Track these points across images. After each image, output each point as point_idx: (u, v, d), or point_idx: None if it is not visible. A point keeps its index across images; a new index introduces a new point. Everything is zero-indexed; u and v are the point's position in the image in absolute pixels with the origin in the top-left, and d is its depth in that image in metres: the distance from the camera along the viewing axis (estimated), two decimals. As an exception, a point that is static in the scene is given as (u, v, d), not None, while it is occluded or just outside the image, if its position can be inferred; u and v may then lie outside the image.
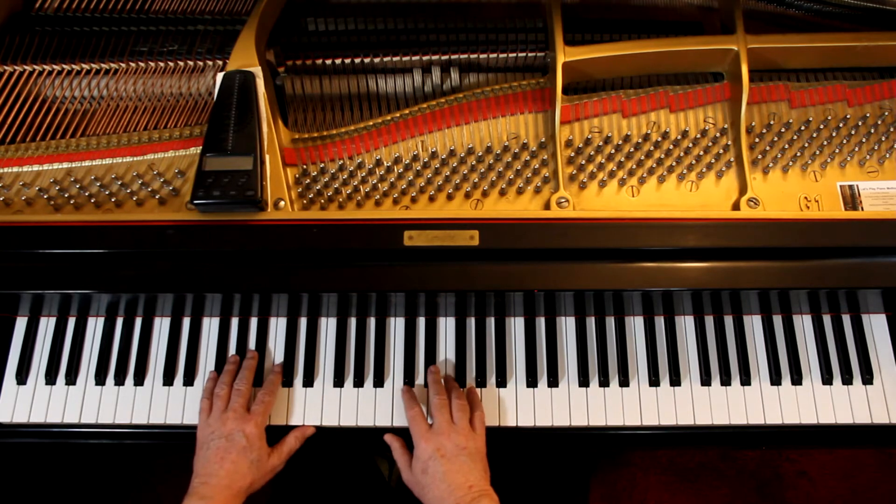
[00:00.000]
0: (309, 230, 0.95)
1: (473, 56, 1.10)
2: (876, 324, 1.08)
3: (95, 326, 1.09)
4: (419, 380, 1.06)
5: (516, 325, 1.08)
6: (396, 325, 1.09)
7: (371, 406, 1.04)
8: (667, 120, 1.06)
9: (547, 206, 1.01)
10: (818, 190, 1.03)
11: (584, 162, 1.03)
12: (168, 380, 1.06)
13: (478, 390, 1.04)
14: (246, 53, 1.03)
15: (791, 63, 1.09)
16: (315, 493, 1.25)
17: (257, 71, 1.02)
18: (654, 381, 1.05)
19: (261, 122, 1.00)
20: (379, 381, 1.05)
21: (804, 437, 1.04)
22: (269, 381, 1.03)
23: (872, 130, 1.06)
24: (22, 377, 1.06)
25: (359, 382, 1.05)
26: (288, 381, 1.05)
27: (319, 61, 1.10)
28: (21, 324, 1.09)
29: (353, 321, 1.09)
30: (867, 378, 1.05)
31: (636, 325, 1.08)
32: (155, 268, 0.96)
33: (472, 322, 1.09)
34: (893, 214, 0.98)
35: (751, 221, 0.96)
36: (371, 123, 1.05)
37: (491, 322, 1.09)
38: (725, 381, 1.05)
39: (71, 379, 1.06)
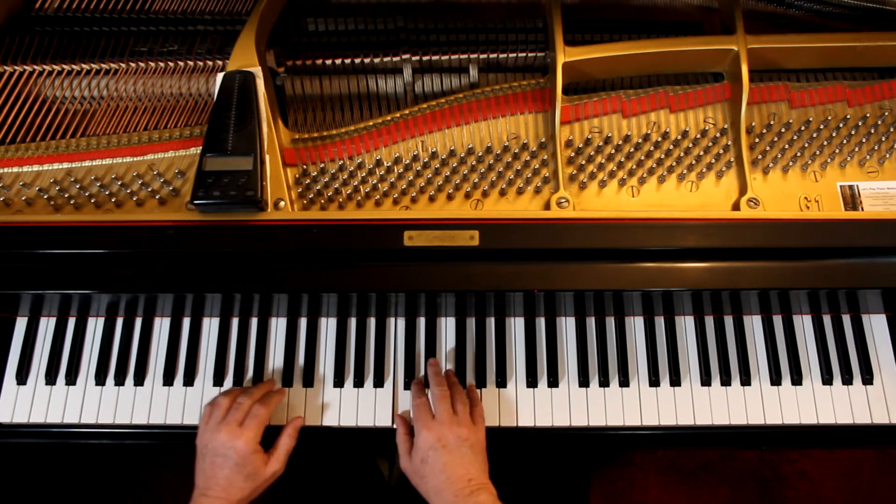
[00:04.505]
0: (309, 230, 0.95)
1: (474, 56, 1.10)
2: (876, 324, 1.08)
3: (95, 327, 1.09)
4: (419, 380, 1.06)
5: (516, 326, 1.08)
6: (396, 326, 1.09)
7: (371, 406, 1.04)
8: (667, 120, 1.06)
9: (547, 207, 1.01)
10: (818, 190, 1.03)
11: (584, 162, 1.03)
12: (168, 380, 1.06)
13: (477, 390, 1.04)
14: (246, 53, 1.03)
15: (791, 63, 1.09)
16: (315, 494, 1.25)
17: (257, 71, 1.02)
18: (654, 382, 1.05)
19: (261, 123, 1.00)
20: (379, 382, 1.05)
21: (804, 437, 1.04)
22: (268, 395, 1.00)
23: (872, 131, 1.06)
24: (22, 377, 1.06)
25: (359, 383, 1.05)
26: (288, 382, 1.05)
27: (319, 61, 1.10)
28: (21, 324, 1.09)
29: (353, 321, 1.09)
30: (867, 378, 1.05)
31: (636, 325, 1.08)
32: (155, 268, 0.95)
33: (472, 322, 1.09)
34: (893, 214, 0.98)
35: (751, 221, 0.96)
36: (371, 123, 1.05)
37: (491, 322, 1.09)
38: (725, 382, 1.05)
39: (71, 379, 1.06)
